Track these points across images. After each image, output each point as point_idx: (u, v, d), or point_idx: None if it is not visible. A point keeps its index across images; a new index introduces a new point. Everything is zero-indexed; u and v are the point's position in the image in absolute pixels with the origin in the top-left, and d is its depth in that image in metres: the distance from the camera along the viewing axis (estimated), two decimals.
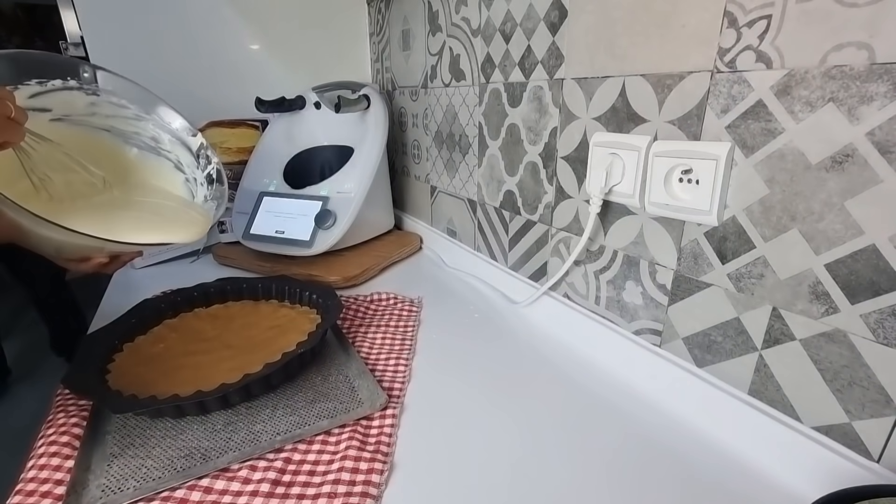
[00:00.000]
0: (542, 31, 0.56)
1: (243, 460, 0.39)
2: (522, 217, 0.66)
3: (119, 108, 0.50)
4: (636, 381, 0.50)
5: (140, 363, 0.51)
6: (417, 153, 0.95)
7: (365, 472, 0.38)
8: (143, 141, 0.53)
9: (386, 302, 0.70)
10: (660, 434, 0.43)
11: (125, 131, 0.52)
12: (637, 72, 0.45)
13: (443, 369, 0.54)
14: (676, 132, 0.42)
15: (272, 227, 0.83)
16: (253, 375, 0.44)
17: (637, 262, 0.49)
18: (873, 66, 0.30)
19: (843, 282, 0.33)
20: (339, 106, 0.81)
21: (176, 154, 0.54)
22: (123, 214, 0.49)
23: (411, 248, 0.93)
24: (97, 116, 0.49)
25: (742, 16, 0.36)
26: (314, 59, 1.07)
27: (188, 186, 0.55)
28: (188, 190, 0.55)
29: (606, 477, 0.39)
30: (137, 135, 0.52)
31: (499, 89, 0.66)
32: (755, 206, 0.37)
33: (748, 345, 0.40)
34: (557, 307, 0.61)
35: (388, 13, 0.98)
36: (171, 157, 0.54)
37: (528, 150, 0.62)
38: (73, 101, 0.47)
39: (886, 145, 0.30)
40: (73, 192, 0.47)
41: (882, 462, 0.33)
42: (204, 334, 0.56)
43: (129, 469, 0.38)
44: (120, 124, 0.51)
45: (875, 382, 0.32)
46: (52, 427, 0.42)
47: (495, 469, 0.40)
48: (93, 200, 0.48)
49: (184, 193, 0.55)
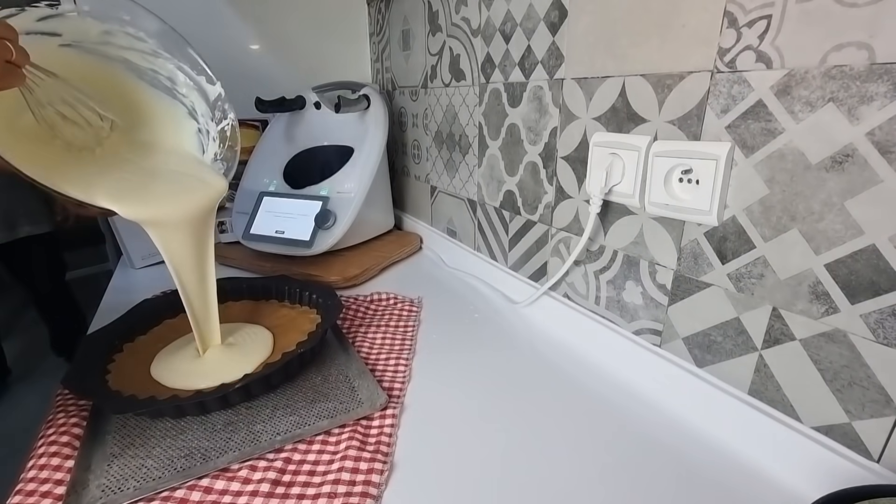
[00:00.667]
0: (542, 31, 0.56)
1: (243, 460, 0.39)
2: (522, 217, 0.66)
3: (136, 41, 0.45)
4: (636, 381, 0.50)
5: (140, 363, 0.51)
6: (417, 153, 0.95)
7: (365, 472, 0.38)
8: (158, 80, 0.49)
9: (386, 302, 0.70)
10: (660, 434, 0.43)
11: (140, 66, 0.47)
12: (637, 72, 0.45)
13: (443, 369, 0.54)
14: (676, 132, 0.42)
15: (272, 227, 0.83)
16: (253, 375, 0.44)
17: (637, 262, 0.49)
18: (873, 66, 0.30)
19: (843, 282, 0.33)
20: (339, 106, 0.81)
21: (191, 100, 0.50)
22: (123, 176, 0.45)
23: (411, 248, 0.93)
24: (111, 46, 0.45)
25: (742, 16, 0.36)
26: (314, 59, 1.07)
27: (199, 138, 0.51)
28: (199, 142, 0.51)
29: (606, 477, 0.39)
30: (154, 72, 0.48)
31: (499, 89, 0.66)
32: (755, 206, 0.37)
33: (748, 345, 0.40)
34: (557, 307, 0.61)
35: (388, 13, 0.98)
36: (185, 102, 0.50)
37: (528, 150, 0.62)
38: (85, 28, 0.43)
39: (886, 145, 0.30)
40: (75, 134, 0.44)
41: (882, 462, 0.33)
42: None
43: (130, 469, 0.38)
44: (135, 58, 0.46)
45: (875, 382, 0.32)
46: (52, 427, 0.42)
47: (495, 469, 0.40)
48: (95, 152, 0.45)
49: (194, 146, 0.51)
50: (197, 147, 0.50)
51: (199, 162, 0.50)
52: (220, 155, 0.50)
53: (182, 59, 0.49)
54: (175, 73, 0.49)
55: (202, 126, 0.50)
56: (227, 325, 0.55)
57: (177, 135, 0.50)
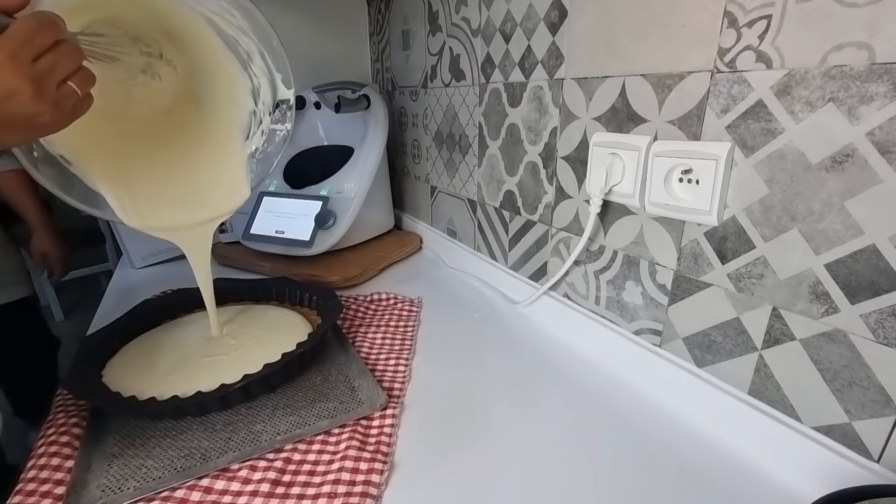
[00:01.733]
0: (542, 30, 0.56)
1: (243, 460, 0.39)
2: (522, 217, 0.66)
3: (226, 12, 0.46)
4: (636, 380, 0.50)
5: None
6: (417, 153, 0.95)
7: (365, 472, 0.38)
8: (237, 48, 0.48)
9: (386, 302, 0.70)
10: (660, 434, 0.43)
11: (223, 29, 0.47)
12: (637, 72, 0.45)
13: (443, 369, 0.54)
14: (676, 132, 0.42)
15: (272, 227, 0.83)
16: (253, 376, 0.44)
17: (637, 262, 0.49)
18: (873, 66, 0.29)
19: (843, 282, 0.33)
20: (339, 106, 0.81)
21: (260, 82, 0.50)
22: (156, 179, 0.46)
23: (411, 247, 0.93)
24: (200, 5, 0.45)
25: (742, 16, 0.36)
26: (314, 59, 1.07)
27: (251, 120, 0.50)
28: (248, 124, 0.50)
29: (606, 476, 0.39)
30: (234, 40, 0.47)
31: (499, 89, 0.66)
32: (755, 206, 0.37)
33: (748, 345, 0.40)
34: (557, 307, 0.61)
35: (388, 13, 0.98)
36: (254, 80, 0.49)
37: (528, 150, 0.62)
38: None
39: (886, 145, 0.30)
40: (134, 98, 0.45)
41: (882, 462, 0.33)
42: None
43: (129, 469, 0.38)
44: (221, 22, 0.46)
45: (875, 382, 0.32)
46: (52, 427, 0.42)
47: (495, 469, 0.40)
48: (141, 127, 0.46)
49: (242, 125, 0.50)
50: (244, 127, 0.50)
51: (237, 156, 0.49)
52: (258, 154, 0.50)
53: (267, 48, 0.48)
54: (255, 53, 0.48)
55: (259, 111, 0.50)
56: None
57: (230, 103, 0.50)
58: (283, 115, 0.51)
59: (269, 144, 0.51)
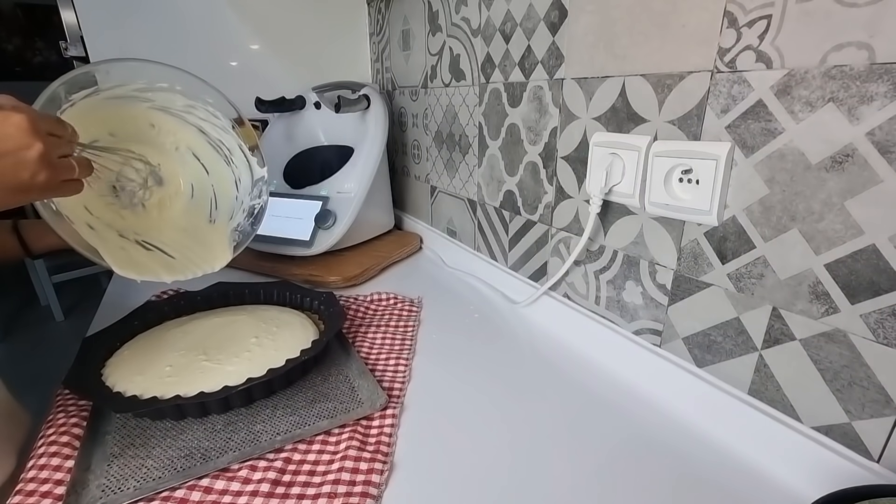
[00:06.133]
0: (542, 31, 0.56)
1: (243, 460, 0.39)
2: (522, 217, 0.66)
3: (212, 116, 0.55)
4: (636, 380, 0.50)
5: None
6: (417, 153, 0.95)
7: (365, 472, 0.38)
8: (222, 148, 0.57)
9: (386, 302, 0.70)
10: (659, 434, 0.43)
11: (211, 135, 0.56)
12: (637, 72, 0.45)
13: (443, 369, 0.54)
14: (676, 132, 0.42)
15: (272, 227, 0.83)
16: (257, 380, 0.44)
17: (637, 262, 0.49)
18: (873, 66, 0.30)
19: (843, 282, 0.33)
20: (339, 106, 0.81)
21: (240, 172, 0.58)
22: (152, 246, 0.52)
23: (411, 248, 0.93)
24: (192, 116, 0.55)
25: (742, 16, 0.36)
26: (314, 59, 1.07)
27: (234, 205, 0.58)
28: (232, 209, 0.58)
29: (606, 476, 0.39)
30: (220, 142, 0.57)
31: (499, 89, 0.66)
32: (755, 206, 0.37)
33: (748, 345, 0.40)
34: (557, 307, 0.61)
35: (388, 13, 0.98)
36: (235, 171, 0.58)
37: (528, 150, 0.62)
38: (173, 100, 0.53)
39: (886, 145, 0.30)
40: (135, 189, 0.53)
41: (882, 462, 0.33)
42: None
43: (130, 469, 0.38)
44: (209, 128, 0.56)
45: (875, 382, 0.32)
46: (52, 427, 0.42)
47: (495, 469, 0.40)
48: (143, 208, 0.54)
49: (227, 208, 0.58)
50: (228, 212, 0.58)
51: (220, 232, 0.57)
52: (240, 227, 0.57)
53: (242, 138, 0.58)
54: (234, 147, 0.57)
55: (240, 196, 0.58)
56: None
57: (218, 199, 0.58)
58: (259, 191, 0.58)
59: (249, 217, 0.58)
